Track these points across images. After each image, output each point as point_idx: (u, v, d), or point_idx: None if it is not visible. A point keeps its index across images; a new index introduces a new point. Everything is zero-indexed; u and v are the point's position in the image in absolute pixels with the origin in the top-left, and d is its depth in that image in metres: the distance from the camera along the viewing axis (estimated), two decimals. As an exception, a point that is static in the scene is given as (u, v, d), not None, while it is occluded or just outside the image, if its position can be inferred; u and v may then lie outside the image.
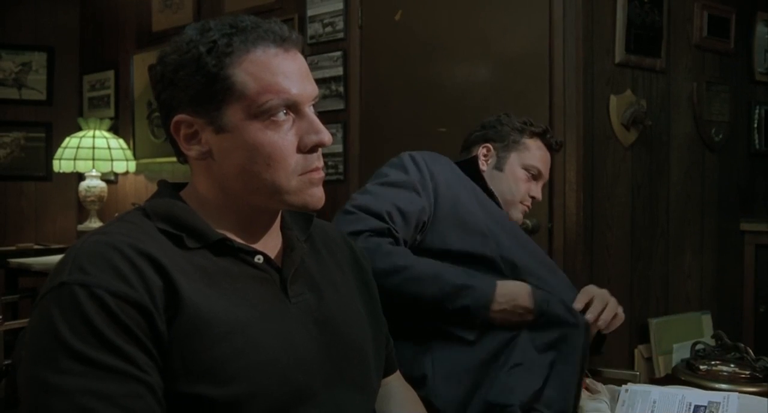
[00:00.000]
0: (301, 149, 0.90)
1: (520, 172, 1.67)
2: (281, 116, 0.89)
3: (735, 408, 1.39)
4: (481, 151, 1.69)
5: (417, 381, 1.29)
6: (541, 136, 1.71)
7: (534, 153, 1.68)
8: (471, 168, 1.61)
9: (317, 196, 0.93)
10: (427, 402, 1.26)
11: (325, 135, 0.91)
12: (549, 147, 1.72)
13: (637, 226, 2.49)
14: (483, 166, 1.68)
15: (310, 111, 0.92)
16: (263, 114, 0.88)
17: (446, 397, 1.31)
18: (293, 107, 0.90)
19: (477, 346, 1.35)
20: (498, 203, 1.60)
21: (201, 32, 0.89)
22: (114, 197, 4.11)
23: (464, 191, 1.53)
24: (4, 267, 3.64)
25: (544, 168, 1.70)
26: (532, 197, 1.69)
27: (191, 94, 0.88)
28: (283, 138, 0.89)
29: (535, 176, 1.68)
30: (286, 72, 0.89)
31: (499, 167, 1.67)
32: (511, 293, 1.37)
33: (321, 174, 0.93)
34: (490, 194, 1.60)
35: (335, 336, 0.96)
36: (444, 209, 1.47)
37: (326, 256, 1.05)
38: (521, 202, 1.67)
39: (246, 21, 0.90)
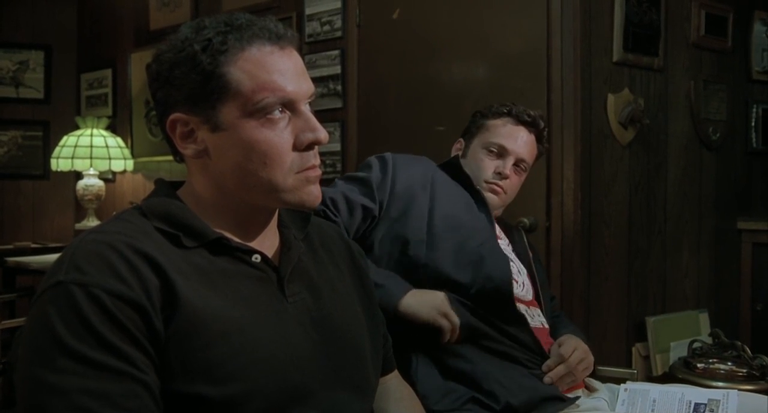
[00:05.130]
0: (297, 147, 0.90)
1: (480, 152, 1.65)
2: (277, 113, 0.89)
3: (735, 405, 1.39)
4: (456, 146, 1.73)
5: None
6: (508, 114, 1.66)
7: (495, 131, 1.64)
8: (454, 169, 1.61)
9: (314, 194, 0.93)
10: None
11: (321, 133, 0.91)
12: (520, 122, 1.65)
13: (635, 224, 2.49)
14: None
15: (306, 109, 0.92)
16: (259, 112, 0.88)
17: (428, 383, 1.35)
18: (289, 105, 0.90)
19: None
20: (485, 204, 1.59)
21: (196, 30, 0.89)
22: (112, 195, 4.10)
23: (423, 195, 1.53)
24: (2, 266, 3.62)
25: (510, 143, 1.63)
26: (499, 174, 1.62)
27: (187, 93, 0.88)
28: (278, 136, 0.89)
29: (500, 154, 1.63)
30: (282, 70, 0.89)
31: (464, 154, 1.69)
32: (424, 298, 1.40)
33: (317, 172, 0.93)
34: (477, 192, 1.60)
35: (332, 335, 0.96)
36: (392, 211, 1.51)
37: (323, 255, 1.05)
38: (486, 181, 1.62)
39: (241, 19, 0.90)
